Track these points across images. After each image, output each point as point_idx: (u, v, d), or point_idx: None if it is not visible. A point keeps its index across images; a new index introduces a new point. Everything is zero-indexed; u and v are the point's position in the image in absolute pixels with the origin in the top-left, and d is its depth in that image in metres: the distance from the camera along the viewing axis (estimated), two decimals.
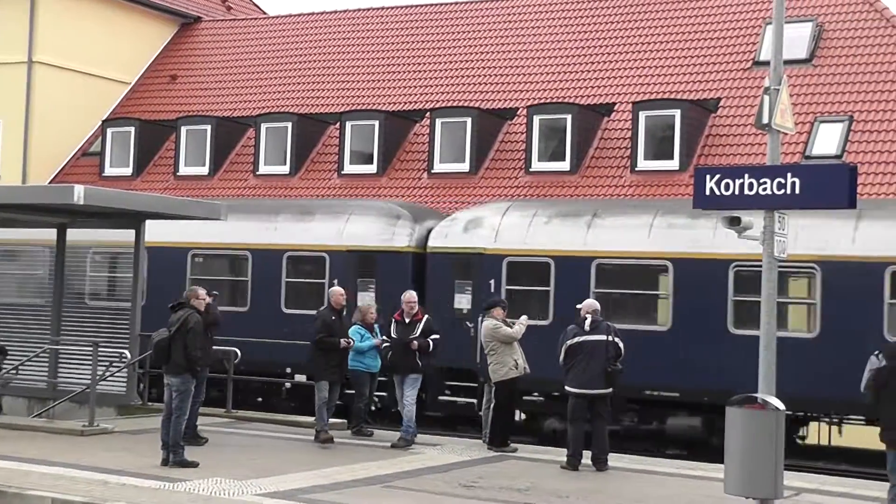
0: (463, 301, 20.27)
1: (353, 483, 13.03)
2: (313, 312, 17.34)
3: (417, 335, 16.23)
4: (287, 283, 21.97)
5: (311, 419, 18.39)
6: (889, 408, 10.82)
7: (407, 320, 16.40)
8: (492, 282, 20.06)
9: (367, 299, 19.51)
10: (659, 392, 19.05)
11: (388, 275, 21.03)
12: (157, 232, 20.70)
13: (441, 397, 20.78)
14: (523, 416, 20.68)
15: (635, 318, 19.54)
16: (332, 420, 16.68)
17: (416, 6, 33.93)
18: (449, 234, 21.11)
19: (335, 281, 20.46)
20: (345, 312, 16.82)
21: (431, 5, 33.66)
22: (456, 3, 33.27)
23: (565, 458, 14.87)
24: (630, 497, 12.99)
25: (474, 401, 19.97)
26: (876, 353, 11.25)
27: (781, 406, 11.57)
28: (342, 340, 16.01)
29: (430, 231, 21.61)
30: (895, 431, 10.89)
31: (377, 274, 21.22)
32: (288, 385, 21.90)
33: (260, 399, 22.26)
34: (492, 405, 16.41)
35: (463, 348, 19.96)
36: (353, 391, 17.54)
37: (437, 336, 16.50)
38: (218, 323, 16.60)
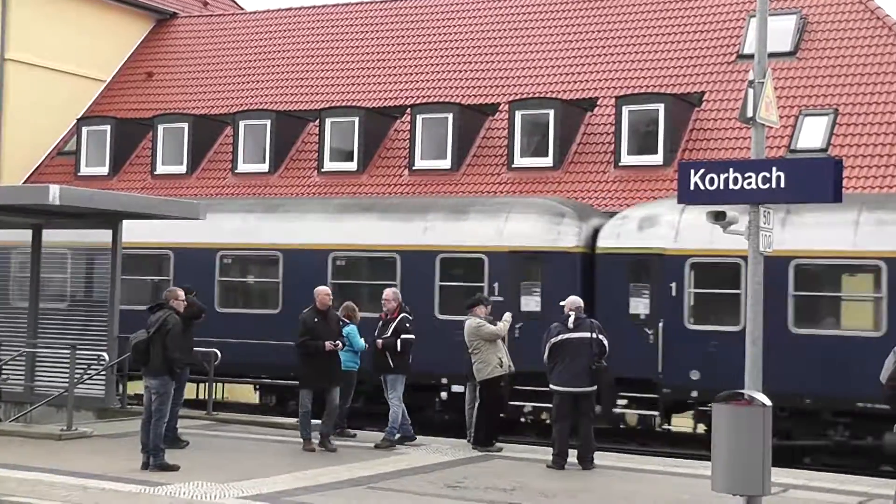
0: (640, 306, 18.96)
1: (337, 485, 13.06)
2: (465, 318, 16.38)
3: (389, 335, 16.23)
4: (441, 286, 20.50)
5: (293, 420, 18.45)
6: None
7: (388, 319, 16.45)
8: (673, 285, 18.75)
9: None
10: (873, 404, 16.59)
11: (555, 277, 19.63)
12: (298, 234, 20.97)
13: (616, 409, 19.43)
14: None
15: (841, 324, 18.40)
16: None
17: (395, 2, 33.86)
18: (621, 234, 19.65)
19: (495, 285, 19.71)
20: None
21: (410, 0, 33.63)
22: None
23: (551, 458, 14.91)
24: (617, 495, 13.05)
25: (656, 413, 19.17)
26: None
27: (768, 402, 11.63)
28: (327, 343, 15.45)
29: (595, 230, 20.21)
30: None
31: (542, 276, 19.84)
32: (444, 396, 20.28)
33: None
34: (476, 404, 16.47)
35: (640, 357, 18.73)
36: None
37: (410, 336, 16.33)
38: (200, 316, 16.55)
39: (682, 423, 20.02)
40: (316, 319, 15.61)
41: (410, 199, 24.17)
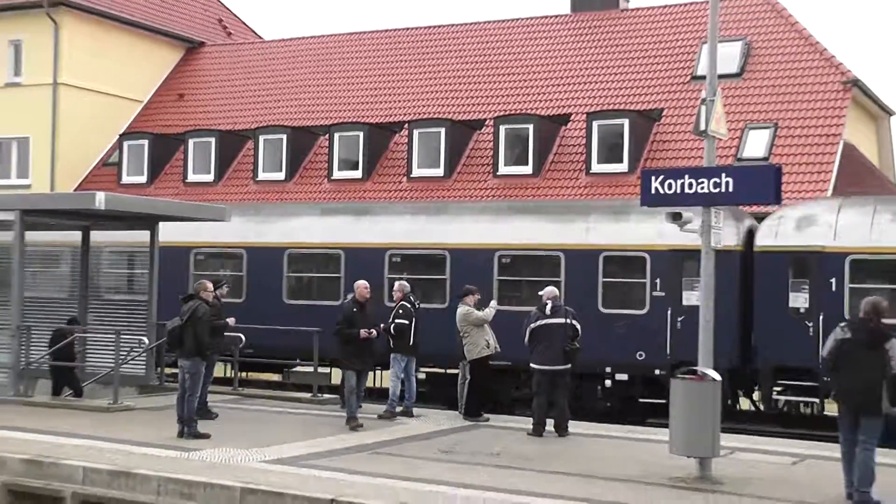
0: (799, 300, 17.67)
1: (345, 451, 13.10)
2: (631, 312, 15.90)
3: (390, 320, 16.03)
4: (604, 282, 19.07)
5: (306, 395, 18.52)
6: (845, 375, 10.80)
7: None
8: (833, 280, 17.51)
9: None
10: None
11: (715, 273, 18.68)
12: (465, 234, 20.07)
13: (775, 396, 18.31)
14: None
15: None
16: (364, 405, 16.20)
17: (395, 31, 33.97)
18: (779, 233, 18.33)
19: (657, 281, 18.53)
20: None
21: (408, 30, 33.72)
22: (429, 28, 33.34)
23: (531, 426, 14.95)
24: (588, 458, 13.09)
25: (816, 400, 18.14)
26: (842, 325, 11.20)
27: (718, 377, 11.76)
28: (362, 331, 15.03)
29: (748, 229, 19.04)
30: (847, 394, 10.86)
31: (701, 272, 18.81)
32: (608, 384, 18.98)
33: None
34: (467, 381, 16.52)
35: (799, 346, 17.43)
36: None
37: (403, 321, 16.04)
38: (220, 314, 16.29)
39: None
40: (354, 309, 15.22)
41: (573, 203, 22.65)
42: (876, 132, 30.56)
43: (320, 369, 18.56)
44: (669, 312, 18.17)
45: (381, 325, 15.86)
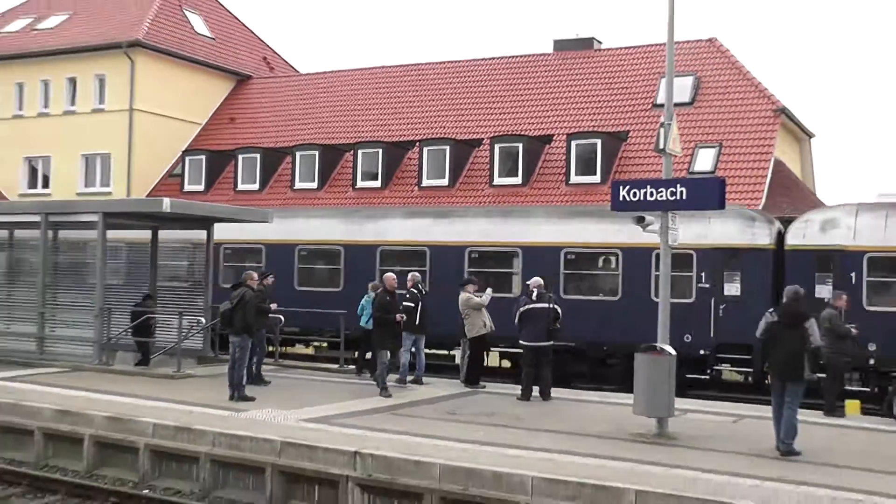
0: (824, 291, 17.09)
1: (368, 412, 13.13)
2: (680, 300, 15.03)
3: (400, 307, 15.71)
4: (656, 276, 17.43)
5: (334, 365, 18.51)
6: (775, 351, 10.95)
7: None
8: (853, 274, 17.11)
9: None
10: None
11: (751, 269, 17.89)
12: (536, 234, 19.28)
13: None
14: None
15: None
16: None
17: (409, 66, 33.86)
18: (806, 234, 17.84)
19: (703, 274, 17.88)
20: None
21: (417, 65, 33.62)
22: (437, 64, 33.24)
23: (520, 392, 14.97)
24: (567, 418, 13.13)
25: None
26: (770, 310, 11.27)
27: (673, 352, 11.76)
28: (397, 315, 14.97)
29: (778, 231, 18.48)
30: (776, 367, 11.00)
31: (742, 267, 17.96)
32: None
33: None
34: (467, 355, 16.52)
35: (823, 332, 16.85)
36: (363, 345, 17.28)
37: (409, 304, 15.70)
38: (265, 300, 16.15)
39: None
40: (388, 298, 15.02)
41: None
42: (799, 152, 30.61)
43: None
44: (713, 301, 17.85)
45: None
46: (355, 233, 21.76)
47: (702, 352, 17.88)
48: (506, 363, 20.54)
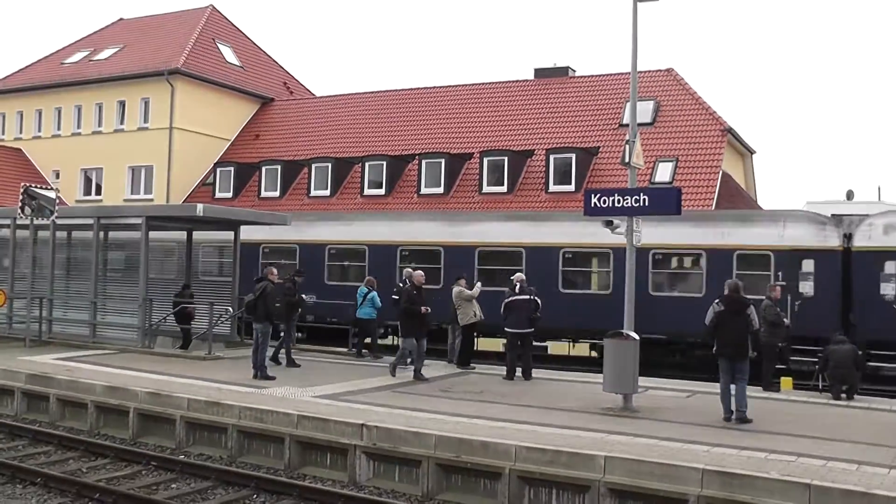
0: (888, 289, 16.35)
1: (373, 390, 13.05)
2: (758, 297, 14.13)
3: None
4: (736, 274, 16.84)
5: (344, 349, 18.38)
6: (722, 336, 10.98)
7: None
8: None
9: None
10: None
11: (823, 268, 17.03)
12: (718, 236, 17.79)
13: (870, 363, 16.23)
14: None
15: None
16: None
17: (409, 90, 33.74)
18: (871, 236, 16.93)
19: (779, 274, 16.90)
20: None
21: (418, 90, 33.47)
22: (434, 88, 33.11)
23: (505, 373, 14.89)
24: (546, 395, 13.06)
25: None
26: (716, 301, 11.20)
27: (637, 337, 11.66)
28: (423, 308, 14.41)
29: (845, 234, 17.33)
30: (725, 349, 11.00)
31: (814, 267, 17.03)
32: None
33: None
34: (458, 340, 16.43)
35: (887, 324, 16.13)
36: (361, 331, 17.10)
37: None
38: (295, 295, 15.81)
39: None
40: (415, 292, 14.53)
41: (709, 213, 20.51)
42: (743, 166, 30.69)
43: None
44: (789, 298, 16.80)
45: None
46: (456, 235, 20.36)
47: (779, 344, 16.41)
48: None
